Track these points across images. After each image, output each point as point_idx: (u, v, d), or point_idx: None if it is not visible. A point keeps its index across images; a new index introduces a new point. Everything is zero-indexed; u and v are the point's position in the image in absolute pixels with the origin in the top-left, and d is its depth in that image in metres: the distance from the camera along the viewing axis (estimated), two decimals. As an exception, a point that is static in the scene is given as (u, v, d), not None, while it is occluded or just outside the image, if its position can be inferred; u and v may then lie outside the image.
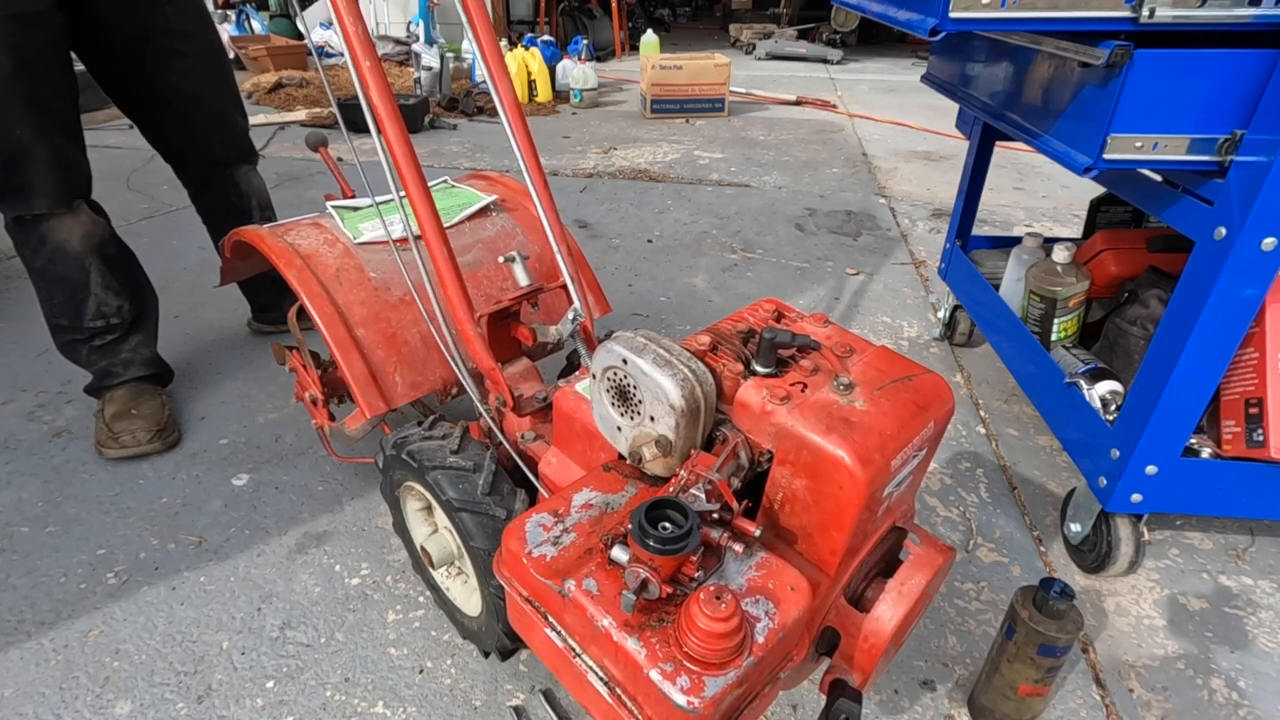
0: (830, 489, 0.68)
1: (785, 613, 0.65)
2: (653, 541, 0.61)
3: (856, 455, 0.66)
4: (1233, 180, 0.93)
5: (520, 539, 0.71)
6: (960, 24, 0.93)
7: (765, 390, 0.73)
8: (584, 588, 0.65)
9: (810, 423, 0.68)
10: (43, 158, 1.35)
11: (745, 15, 9.28)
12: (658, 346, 0.76)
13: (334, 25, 0.97)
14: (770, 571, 0.68)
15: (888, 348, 0.81)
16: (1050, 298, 1.48)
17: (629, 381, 0.77)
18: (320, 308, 1.16)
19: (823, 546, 0.72)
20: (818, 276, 2.40)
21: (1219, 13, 0.89)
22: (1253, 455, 1.11)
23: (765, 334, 0.74)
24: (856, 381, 0.74)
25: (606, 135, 4.17)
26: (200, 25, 1.58)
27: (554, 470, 0.98)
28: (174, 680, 1.07)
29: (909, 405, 0.72)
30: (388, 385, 1.18)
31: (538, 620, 0.71)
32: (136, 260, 1.63)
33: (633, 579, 0.62)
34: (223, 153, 1.73)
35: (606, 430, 0.83)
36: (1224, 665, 1.12)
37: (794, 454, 0.70)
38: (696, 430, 0.75)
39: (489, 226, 1.38)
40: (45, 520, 1.36)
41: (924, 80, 1.70)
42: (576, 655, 0.68)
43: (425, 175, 1.00)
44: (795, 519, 0.73)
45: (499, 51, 1.11)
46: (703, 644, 0.59)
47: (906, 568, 0.76)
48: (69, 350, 1.56)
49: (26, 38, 1.28)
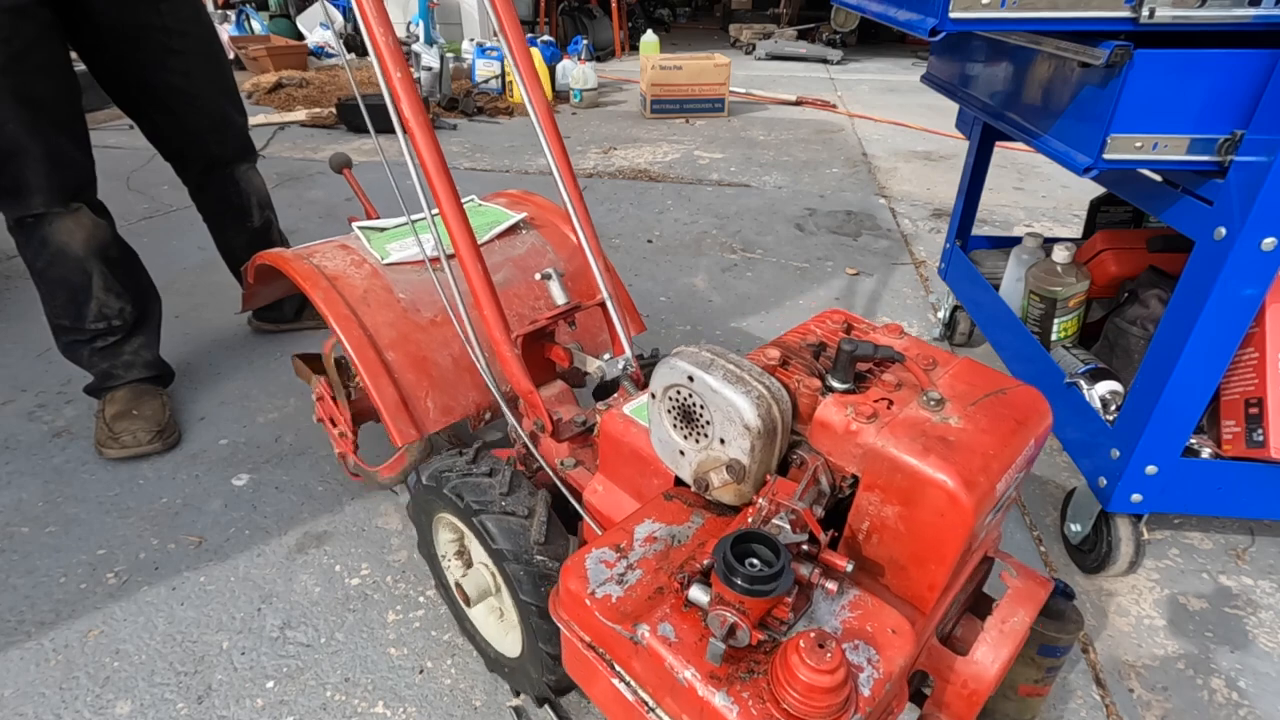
0: (929, 517, 0.62)
1: (890, 660, 0.58)
2: (741, 580, 0.54)
3: (961, 478, 0.59)
4: (1233, 180, 0.93)
5: (581, 578, 0.65)
6: (960, 24, 0.93)
7: (849, 408, 0.66)
8: (660, 634, 0.59)
9: (904, 443, 0.62)
10: (36, 155, 1.34)
11: (745, 15, 9.27)
12: (727, 361, 0.69)
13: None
14: (866, 612, 0.62)
15: (972, 359, 0.76)
16: (1050, 298, 1.48)
17: (695, 401, 0.70)
18: (348, 330, 1.10)
19: (919, 581, 0.65)
20: (818, 276, 2.40)
21: (1219, 13, 0.89)
22: (1253, 455, 1.11)
23: (844, 346, 0.68)
24: (947, 397, 0.68)
25: (606, 135, 4.17)
26: (195, 24, 1.57)
27: (601, 499, 0.92)
28: (174, 680, 1.07)
29: (1008, 421, 0.66)
30: (419, 411, 1.12)
31: (602, 669, 0.65)
32: (140, 262, 1.63)
33: (718, 624, 0.55)
34: (220, 151, 1.73)
35: (666, 455, 0.76)
36: (1224, 665, 1.12)
37: (885, 478, 0.63)
38: (772, 453, 0.68)
39: (519, 244, 1.33)
40: (45, 520, 1.36)
41: (924, 80, 1.70)
42: (650, 710, 0.62)
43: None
44: (885, 550, 0.66)
45: (529, 54, 1.07)
46: (804, 700, 0.52)
47: (1007, 604, 0.70)
48: (70, 351, 1.56)
49: (15, 32, 1.27)
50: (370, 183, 1.56)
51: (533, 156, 3.70)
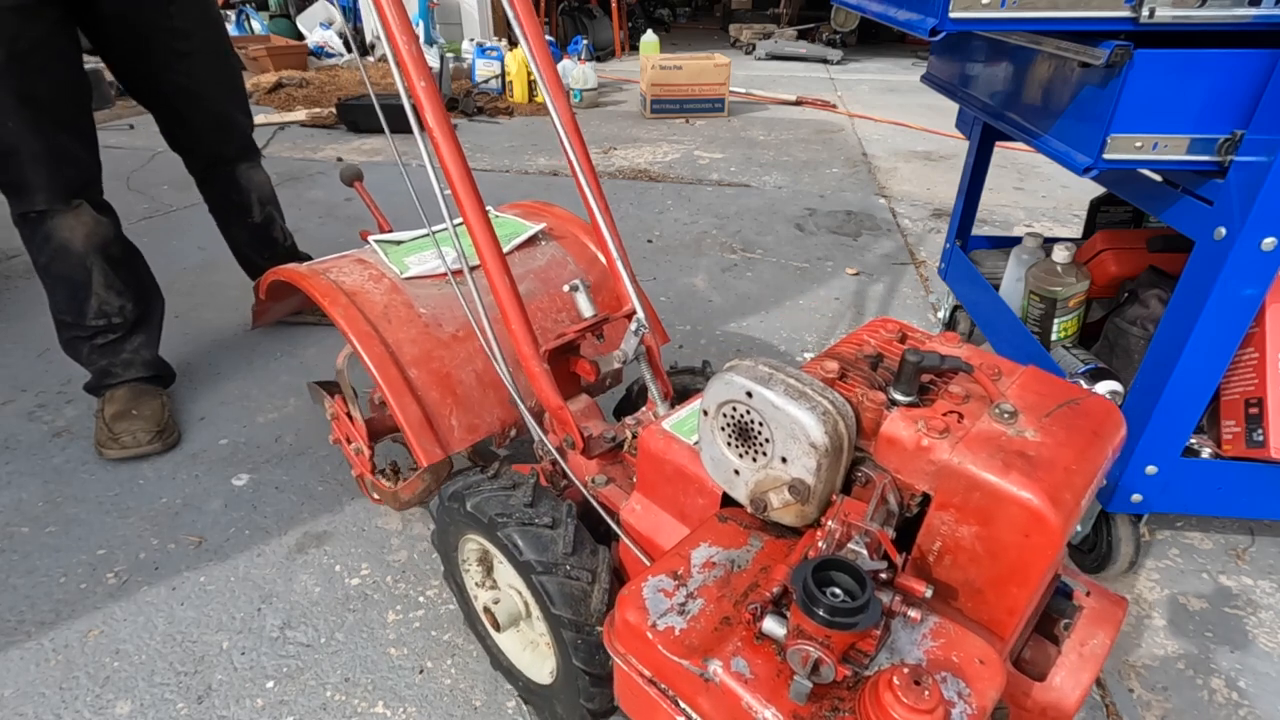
0: (1011, 537, 0.58)
1: (982, 694, 0.54)
2: (825, 612, 0.51)
3: (1047, 496, 0.56)
4: (1233, 180, 0.93)
5: (640, 608, 0.61)
6: (960, 24, 0.93)
7: (920, 422, 0.62)
8: (734, 670, 0.55)
9: (982, 459, 0.59)
10: (36, 152, 1.35)
11: (745, 15, 9.28)
12: (786, 376, 0.65)
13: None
14: (950, 641, 0.58)
15: (1037, 368, 0.72)
16: (1050, 298, 1.48)
17: (753, 418, 0.66)
18: (370, 348, 1.07)
19: (997, 605, 0.61)
20: (818, 276, 2.40)
21: (1219, 13, 0.89)
22: (1253, 455, 1.11)
23: (909, 356, 0.64)
24: (1018, 408, 0.64)
25: (606, 135, 4.17)
26: (203, 25, 1.59)
27: (639, 519, 0.88)
28: (174, 680, 1.07)
29: (1085, 433, 0.63)
30: (443, 429, 1.09)
31: (665, 705, 0.61)
32: (143, 261, 1.64)
33: (800, 661, 0.51)
34: (223, 150, 1.77)
35: (719, 475, 0.72)
36: (1224, 665, 1.11)
37: (961, 496, 0.60)
38: (838, 472, 0.65)
39: (539, 256, 1.30)
40: (45, 520, 1.36)
41: (924, 80, 1.70)
42: None
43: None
44: (960, 573, 0.63)
45: (547, 50, 1.05)
46: None
47: (1086, 626, 0.67)
48: (71, 347, 1.57)
49: (22, 31, 1.28)
50: (372, 186, 1.56)
51: (533, 156, 3.70)
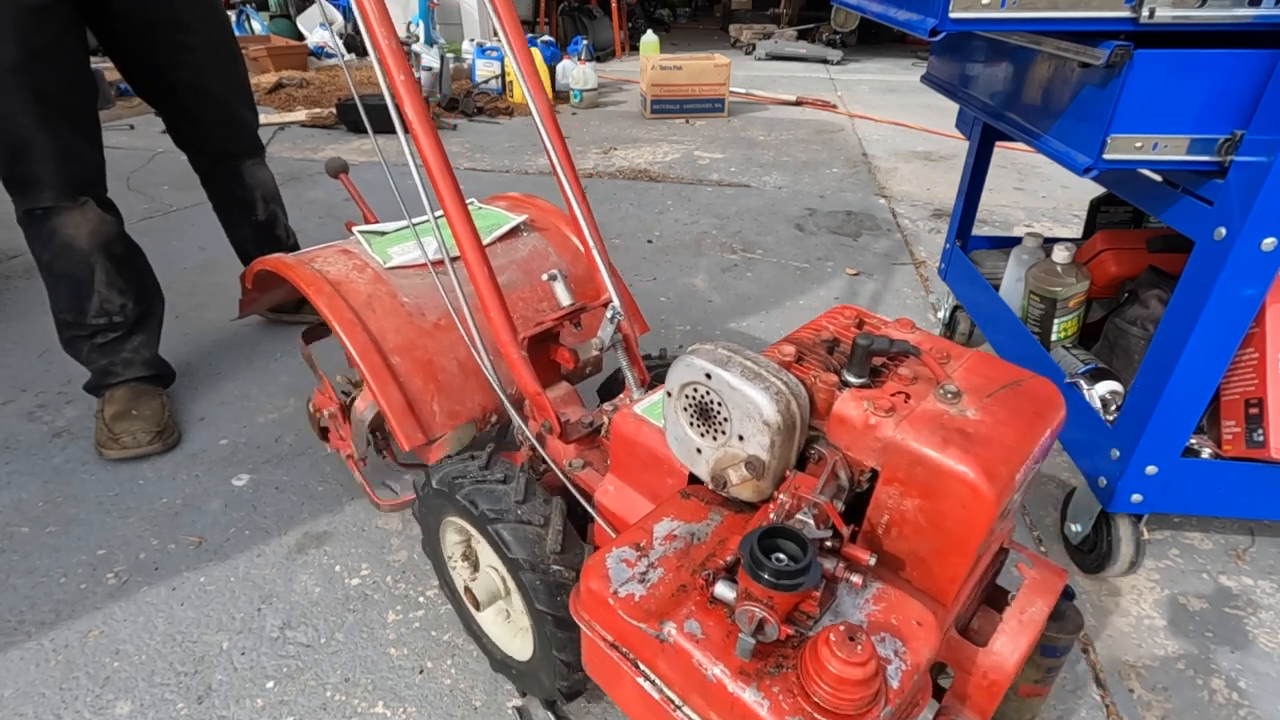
0: (951, 509, 0.62)
1: (917, 652, 0.58)
2: (769, 575, 0.54)
3: (982, 470, 0.60)
4: (1233, 180, 0.93)
5: (603, 577, 0.64)
6: (960, 24, 0.93)
7: (867, 402, 0.66)
8: (686, 631, 0.58)
9: (923, 436, 0.63)
10: (47, 149, 1.36)
11: (745, 15, 9.27)
12: (744, 358, 0.69)
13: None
14: (890, 605, 0.62)
15: (985, 352, 0.75)
16: (1050, 298, 1.48)
17: (712, 398, 0.70)
18: (353, 335, 1.10)
19: (939, 574, 0.65)
20: (818, 277, 2.40)
21: (1219, 13, 0.89)
22: (1253, 455, 1.11)
23: (860, 340, 0.68)
24: (963, 389, 0.68)
25: (606, 135, 4.17)
26: (208, 22, 1.60)
27: (613, 500, 0.91)
28: (174, 680, 1.07)
29: (1025, 413, 0.66)
30: (425, 415, 1.12)
31: (626, 668, 0.64)
32: (145, 261, 1.64)
33: (746, 620, 0.55)
34: (227, 147, 1.77)
35: (683, 453, 0.76)
36: (1224, 665, 1.11)
37: (905, 471, 0.64)
38: (791, 449, 0.69)
39: (521, 247, 1.33)
40: (45, 520, 1.36)
41: (924, 80, 1.70)
42: (677, 708, 0.61)
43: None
44: (905, 544, 0.67)
45: (528, 51, 1.06)
46: (836, 693, 0.52)
47: (1026, 594, 0.70)
48: (71, 346, 1.57)
49: (37, 29, 1.29)
50: (368, 183, 1.56)
51: (533, 156, 3.70)
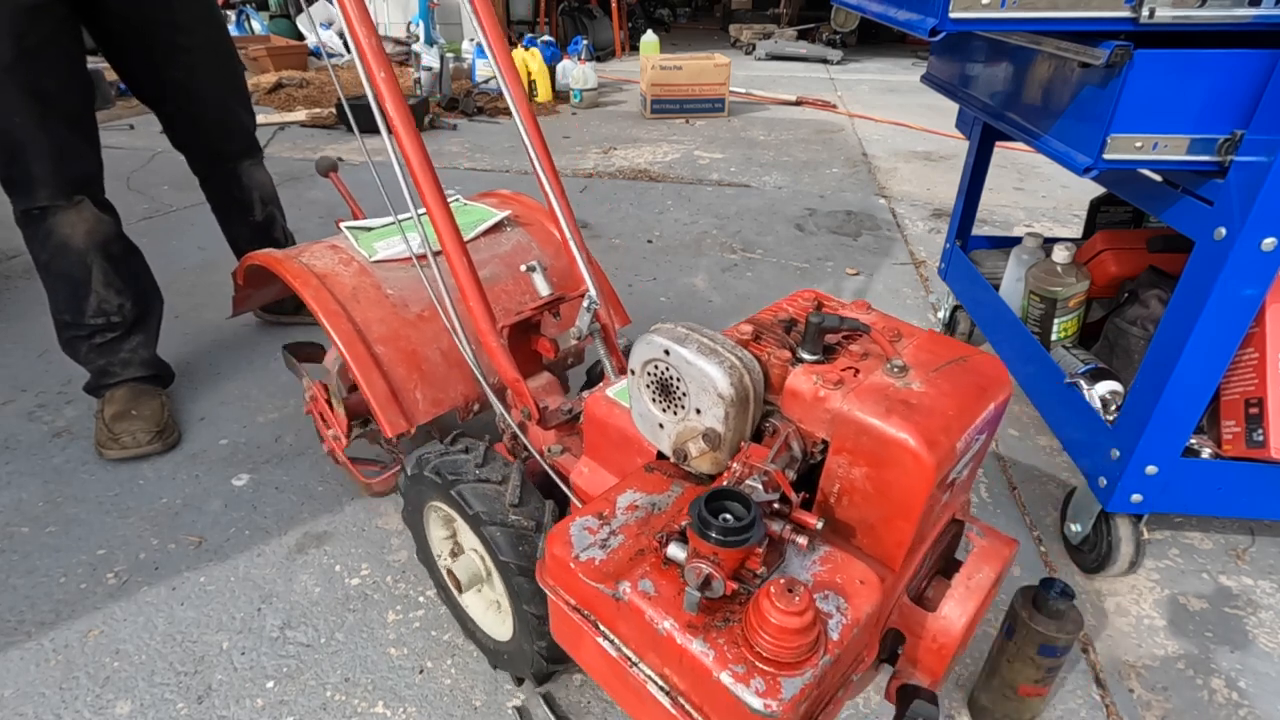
0: (894, 475, 0.64)
1: (857, 607, 0.61)
2: (715, 533, 0.57)
3: (922, 437, 0.62)
4: (1233, 180, 0.93)
5: (565, 543, 0.67)
6: (960, 24, 0.93)
7: (816, 376, 0.69)
8: (640, 589, 0.61)
9: (868, 406, 0.65)
10: (43, 147, 1.36)
11: (745, 15, 9.27)
12: (701, 336, 0.72)
13: (333, 27, 0.96)
14: (836, 565, 0.65)
15: (937, 332, 0.79)
16: (1050, 298, 1.48)
17: (672, 374, 0.73)
18: (338, 326, 1.14)
19: (887, 539, 0.68)
20: (818, 277, 2.40)
21: (1219, 13, 0.89)
22: (1253, 455, 1.11)
23: (812, 319, 0.72)
24: (910, 364, 0.71)
25: (606, 135, 4.17)
26: (204, 22, 1.60)
27: (587, 480, 0.94)
28: (174, 680, 1.07)
29: (968, 386, 0.69)
30: (408, 403, 1.16)
31: (587, 630, 0.66)
32: (143, 261, 1.64)
33: (694, 576, 0.58)
34: (224, 148, 1.77)
35: (647, 429, 0.79)
36: (1224, 665, 1.11)
37: (852, 441, 0.66)
38: (746, 421, 0.71)
39: (504, 241, 1.37)
40: (45, 520, 1.36)
41: (924, 80, 1.70)
42: (633, 665, 0.64)
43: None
44: (855, 511, 0.69)
45: (509, 53, 1.09)
46: (776, 642, 0.55)
47: (973, 561, 0.73)
48: (70, 347, 1.57)
49: (31, 27, 1.29)
50: (364, 182, 1.55)
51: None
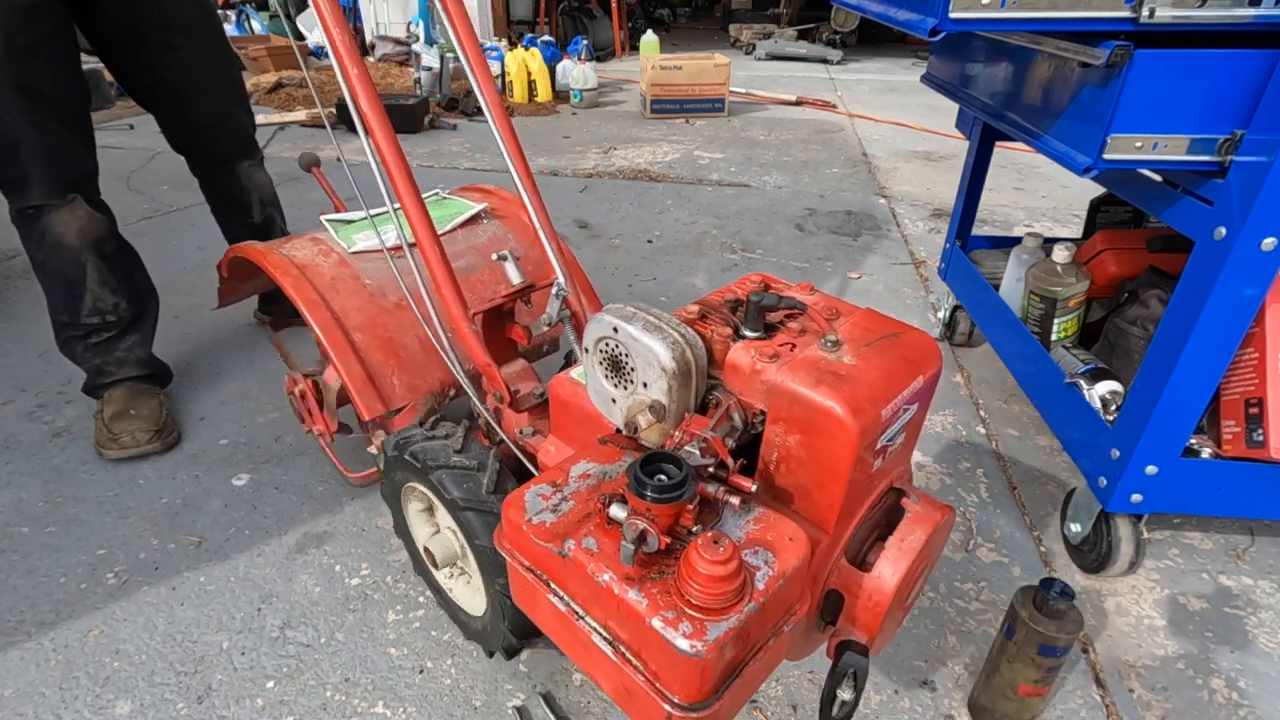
0: (823, 441, 0.69)
1: (784, 560, 0.65)
2: (650, 491, 0.62)
3: (847, 405, 0.67)
4: (1233, 180, 0.93)
5: (520, 508, 0.71)
6: (960, 24, 0.93)
7: (754, 351, 0.74)
8: (584, 547, 0.66)
9: (800, 377, 0.70)
10: (35, 146, 1.36)
11: (745, 15, 9.27)
12: (647, 314, 0.77)
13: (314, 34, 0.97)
14: (768, 524, 0.69)
15: (875, 311, 0.82)
16: (1050, 298, 1.48)
17: (621, 350, 0.78)
18: (317, 314, 1.17)
19: (820, 502, 0.73)
20: (818, 277, 2.40)
21: (1219, 13, 0.89)
22: (1253, 455, 1.11)
23: (752, 298, 0.77)
24: (844, 340, 0.76)
25: (606, 135, 4.17)
26: (197, 21, 1.59)
27: (553, 458, 0.99)
28: (174, 680, 1.07)
29: (897, 360, 0.74)
30: (385, 388, 1.20)
31: (540, 588, 0.71)
32: (138, 260, 1.63)
33: (631, 531, 0.63)
34: (221, 148, 1.76)
35: (601, 404, 0.84)
36: (1224, 665, 1.12)
37: (786, 410, 0.71)
38: (689, 393, 0.76)
39: (480, 233, 1.41)
40: (45, 520, 1.36)
41: (924, 80, 1.70)
42: (580, 618, 0.69)
43: (417, 181, 1.01)
44: (792, 477, 0.74)
45: (479, 51, 1.12)
46: (703, 589, 0.59)
47: (905, 524, 0.78)
48: (66, 347, 1.57)
49: (25, 26, 1.29)
50: (359, 178, 1.56)
51: (532, 157, 3.70)
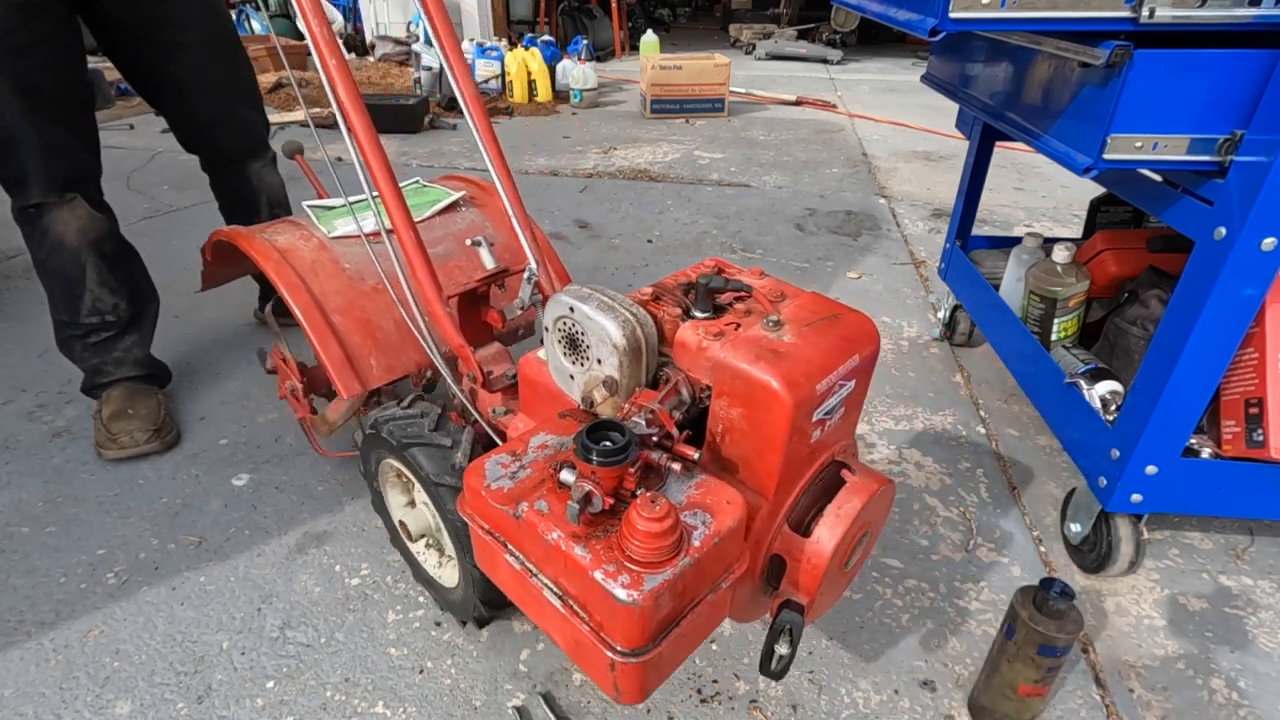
0: (762, 413, 0.74)
1: (721, 521, 0.71)
2: (594, 455, 0.68)
3: (783, 379, 0.72)
4: (1233, 180, 0.93)
5: (480, 475, 0.76)
6: (960, 24, 0.93)
7: (701, 330, 0.80)
8: (536, 508, 0.71)
9: (741, 354, 0.75)
10: (34, 144, 1.36)
11: (745, 15, 9.28)
12: (602, 295, 0.82)
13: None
14: (708, 490, 0.75)
15: (819, 294, 0.88)
16: (1050, 298, 1.48)
17: (577, 328, 0.83)
18: (297, 297, 1.21)
19: (760, 471, 0.78)
20: (818, 277, 2.40)
21: (1219, 13, 0.89)
22: (1253, 455, 1.11)
23: (701, 280, 0.82)
24: (786, 320, 0.81)
25: (606, 135, 4.17)
26: (203, 18, 1.57)
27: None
28: (174, 680, 1.07)
29: (834, 339, 0.80)
30: (363, 368, 1.24)
31: (498, 549, 0.76)
32: (139, 261, 1.63)
33: (577, 491, 0.68)
34: (228, 146, 1.73)
35: (561, 380, 0.90)
36: (1224, 665, 1.12)
37: (729, 385, 0.76)
38: (640, 369, 0.82)
39: (458, 220, 1.45)
40: (45, 520, 1.36)
41: (924, 80, 1.70)
42: (533, 575, 0.73)
43: (395, 170, 1.03)
44: (735, 448, 0.79)
45: (458, 46, 1.14)
46: (641, 544, 0.64)
47: (844, 493, 0.83)
48: (66, 346, 1.57)
49: (21, 24, 1.29)
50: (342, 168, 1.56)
51: (533, 156, 3.70)
